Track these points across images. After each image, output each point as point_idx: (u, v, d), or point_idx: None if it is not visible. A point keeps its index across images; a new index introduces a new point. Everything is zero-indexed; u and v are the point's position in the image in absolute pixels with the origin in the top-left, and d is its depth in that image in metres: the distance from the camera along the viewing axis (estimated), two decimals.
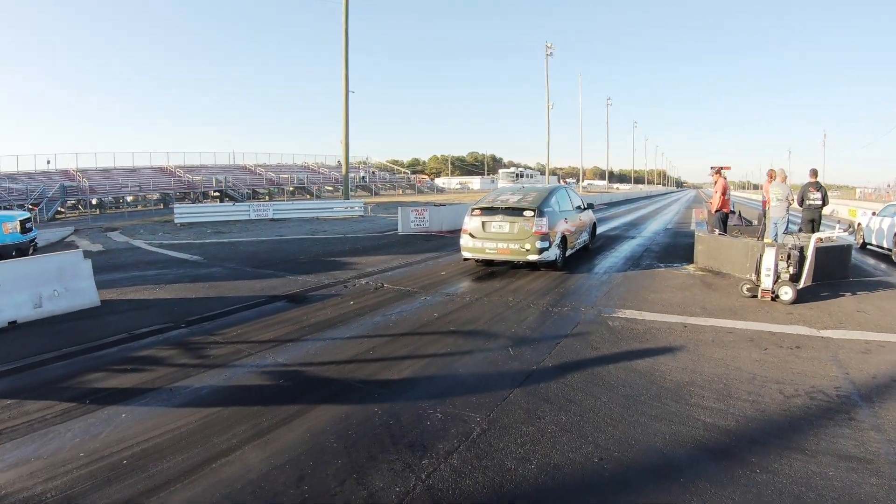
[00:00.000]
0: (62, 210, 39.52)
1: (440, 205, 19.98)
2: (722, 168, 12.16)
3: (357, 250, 13.79)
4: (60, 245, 17.38)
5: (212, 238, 17.76)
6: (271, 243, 15.72)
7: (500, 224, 9.69)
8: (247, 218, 25.00)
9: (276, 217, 25.37)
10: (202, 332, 6.31)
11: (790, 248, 7.59)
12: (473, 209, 10.10)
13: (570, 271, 10.09)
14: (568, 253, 10.60)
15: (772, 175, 12.38)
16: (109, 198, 45.57)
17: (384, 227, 20.25)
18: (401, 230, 18.45)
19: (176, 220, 23.97)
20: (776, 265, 7.47)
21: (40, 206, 35.58)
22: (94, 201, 42.52)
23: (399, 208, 19.22)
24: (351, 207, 27.17)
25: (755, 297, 7.67)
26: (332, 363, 5.26)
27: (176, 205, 26.45)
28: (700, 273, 9.90)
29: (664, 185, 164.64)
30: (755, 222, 20.66)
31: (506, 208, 9.78)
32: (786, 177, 11.92)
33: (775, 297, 7.46)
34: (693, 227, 20.82)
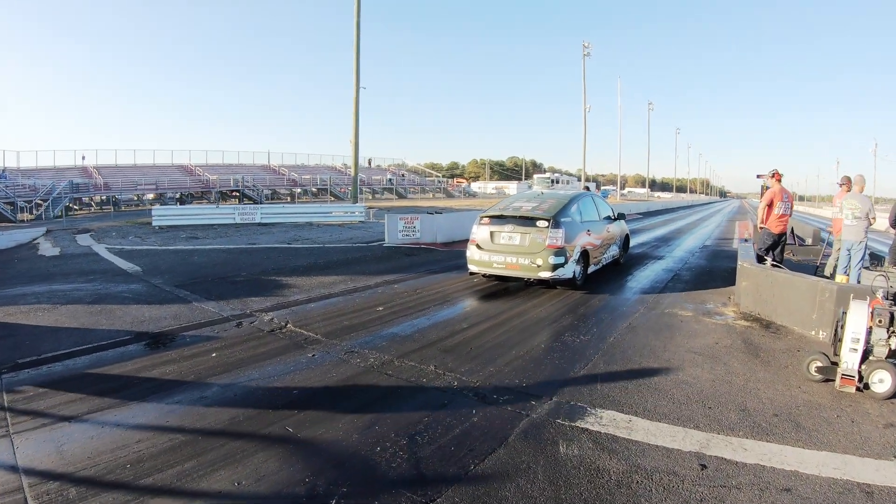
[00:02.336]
0: (75, 207, 38.61)
1: (435, 212, 17.28)
2: (774, 173, 9.09)
3: (314, 267, 11.52)
4: (25, 248, 16.31)
5: (178, 244, 16.09)
6: (232, 254, 13.83)
7: (510, 235, 8.56)
8: (232, 222, 22.95)
9: (263, 221, 23.23)
10: (9, 385, 4.75)
11: (891, 305, 4.63)
12: (482, 217, 8.98)
13: (590, 290, 8.78)
14: (591, 269, 9.34)
15: (847, 183, 9.24)
16: (130, 195, 44.63)
17: (374, 237, 17.84)
18: (387, 241, 16.04)
19: (154, 223, 22.44)
20: (868, 332, 4.53)
21: (47, 204, 34.55)
22: (103, 198, 41.50)
23: (386, 216, 16.75)
24: (351, 212, 24.79)
25: (830, 380, 4.73)
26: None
27: (154, 206, 24.43)
28: (743, 324, 6.98)
29: (707, 194, 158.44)
30: (808, 240, 17.33)
31: (517, 217, 8.63)
32: (864, 185, 8.77)
33: (863, 387, 4.52)
34: (735, 244, 17.59)
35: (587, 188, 54.82)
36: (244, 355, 5.56)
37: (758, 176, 25.13)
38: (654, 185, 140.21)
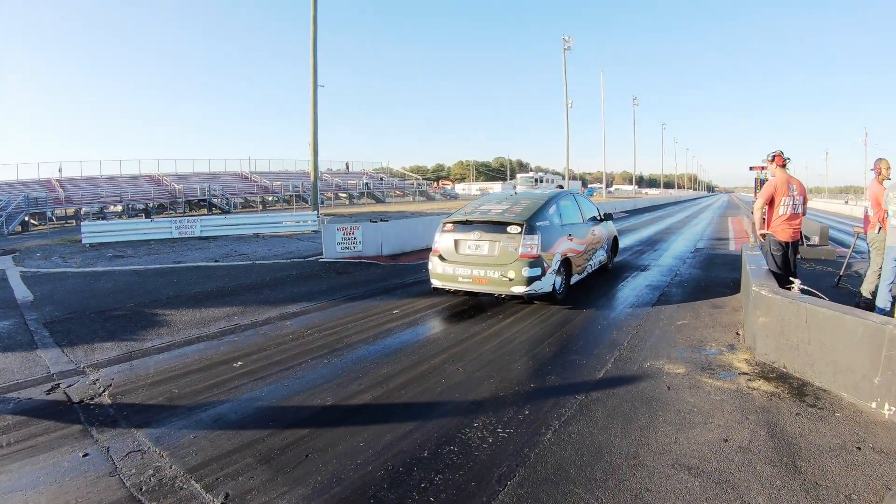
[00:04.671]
0: (34, 223, 36.26)
1: (380, 219, 14.78)
2: (776, 156, 6.61)
3: (215, 294, 9.28)
4: None
5: (98, 265, 13.87)
6: (144, 276, 11.61)
7: (476, 243, 7.33)
8: (169, 236, 20.38)
9: (204, 235, 20.68)
10: None
11: None
12: (445, 223, 7.74)
13: (573, 307, 7.44)
14: (576, 279, 8.24)
15: (883, 170, 6.83)
16: (93, 208, 41.93)
17: (316, 250, 15.49)
18: (325, 255, 13.62)
19: (83, 241, 19.92)
20: None
21: (0, 220, 32.01)
22: (68, 211, 38.91)
23: (323, 227, 14.23)
24: (303, 221, 22.20)
25: None
26: None
27: (84, 222, 21.79)
28: (763, 388, 4.58)
29: (695, 189, 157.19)
30: (815, 239, 14.82)
31: (485, 222, 7.36)
32: None
33: None
34: (732, 245, 15.16)
35: (560, 187, 52.36)
36: None
37: (751, 168, 22.73)
38: (642, 182, 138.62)
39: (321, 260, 13.33)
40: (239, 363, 5.45)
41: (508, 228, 7.12)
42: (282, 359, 5.57)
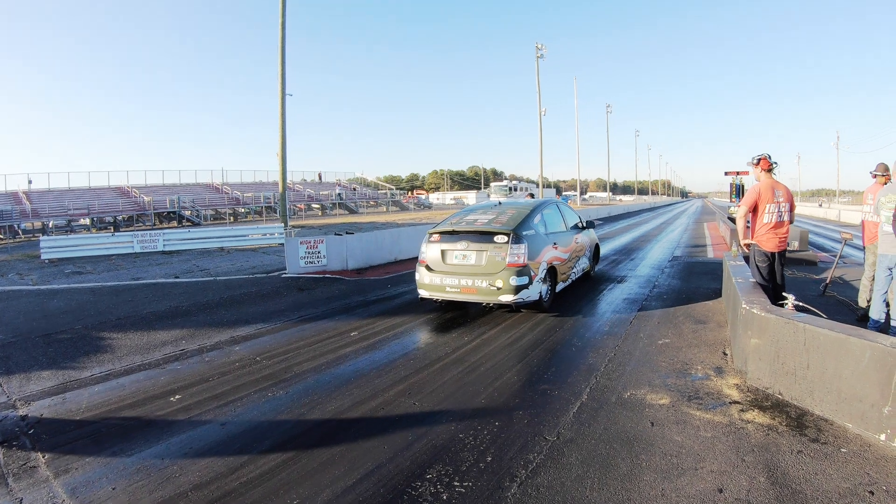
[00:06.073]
0: (1, 236, 34.77)
1: (346, 233, 14.11)
2: (761, 160, 6.11)
3: (169, 314, 8.61)
4: None
5: (56, 282, 13.08)
6: (99, 294, 10.87)
7: (463, 253, 7.34)
8: (131, 251, 19.52)
9: (167, 249, 19.83)
10: None
11: None
12: (432, 233, 7.74)
13: (560, 314, 7.44)
14: (561, 287, 8.27)
15: (882, 175, 6.41)
16: (60, 221, 40.51)
17: (280, 265, 14.76)
18: (289, 271, 12.92)
19: (42, 256, 19.03)
20: None
21: None
22: (35, 224, 37.50)
23: (286, 241, 13.54)
24: (270, 234, 21.41)
25: None
26: None
27: (42, 237, 20.79)
28: (759, 419, 4.08)
29: (668, 195, 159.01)
30: (795, 244, 14.54)
31: (472, 232, 7.39)
32: None
33: None
34: (710, 252, 14.79)
35: (531, 195, 52.02)
36: None
37: (726, 173, 22.52)
38: (616, 189, 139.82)
39: (284, 275, 12.66)
40: (177, 397, 4.89)
41: (495, 238, 7.13)
42: (223, 392, 4.98)
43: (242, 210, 53.22)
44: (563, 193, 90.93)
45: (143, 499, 3.19)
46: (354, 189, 66.67)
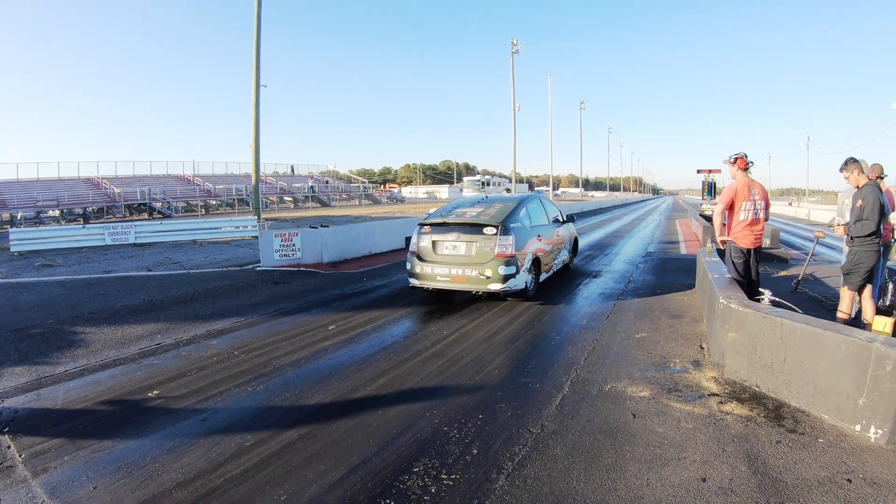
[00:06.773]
0: None
1: (321, 225, 13.98)
2: (738, 158, 6.19)
3: (143, 308, 8.38)
4: None
5: (25, 275, 12.70)
6: (70, 288, 10.53)
7: (454, 244, 7.67)
8: (102, 243, 19.05)
9: (139, 241, 19.42)
10: None
11: None
12: (423, 224, 8.06)
13: (537, 309, 7.55)
14: (543, 277, 8.68)
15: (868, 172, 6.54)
16: (29, 212, 39.11)
17: (254, 258, 14.52)
18: (263, 264, 12.71)
19: (12, 249, 18.34)
20: None
21: None
22: (2, 216, 36.26)
23: (260, 234, 13.33)
24: (243, 227, 21.07)
25: None
26: None
27: (12, 229, 20.15)
28: (737, 411, 4.14)
29: (640, 192, 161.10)
30: (766, 241, 14.87)
31: (461, 224, 7.74)
32: (882, 175, 6.08)
33: None
34: (683, 248, 15.03)
35: (508, 190, 52.29)
36: None
37: (698, 171, 22.97)
38: (588, 185, 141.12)
39: (258, 268, 12.46)
40: (154, 392, 4.76)
41: (484, 230, 7.47)
42: (201, 386, 4.85)
43: (214, 202, 52.29)
44: (536, 188, 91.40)
45: (126, 497, 3.10)
46: (327, 182, 66.04)
